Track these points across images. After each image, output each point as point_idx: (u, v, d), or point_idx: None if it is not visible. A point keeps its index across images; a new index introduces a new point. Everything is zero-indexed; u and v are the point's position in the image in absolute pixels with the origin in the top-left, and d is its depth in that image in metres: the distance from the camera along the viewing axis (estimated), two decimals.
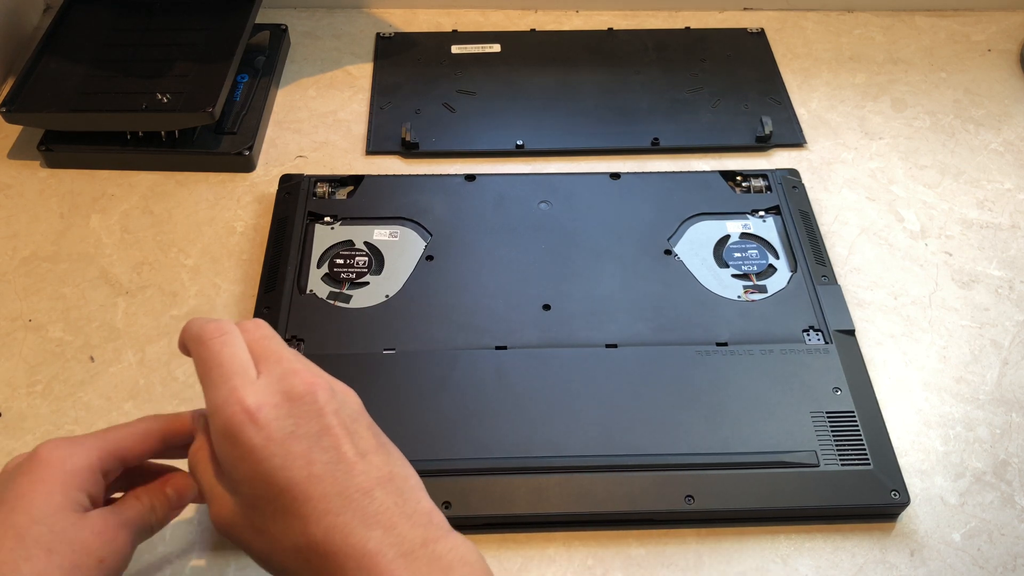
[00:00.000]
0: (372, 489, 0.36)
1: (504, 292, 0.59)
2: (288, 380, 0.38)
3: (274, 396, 0.37)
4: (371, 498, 0.36)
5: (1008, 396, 0.57)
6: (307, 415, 0.37)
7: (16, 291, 0.62)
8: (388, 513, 0.36)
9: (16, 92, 0.68)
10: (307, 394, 0.37)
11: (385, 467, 0.37)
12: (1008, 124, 0.75)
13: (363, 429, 0.38)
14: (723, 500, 0.50)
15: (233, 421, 0.36)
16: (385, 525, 0.35)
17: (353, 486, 0.36)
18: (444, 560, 0.35)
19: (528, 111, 0.74)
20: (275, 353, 0.39)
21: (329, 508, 0.35)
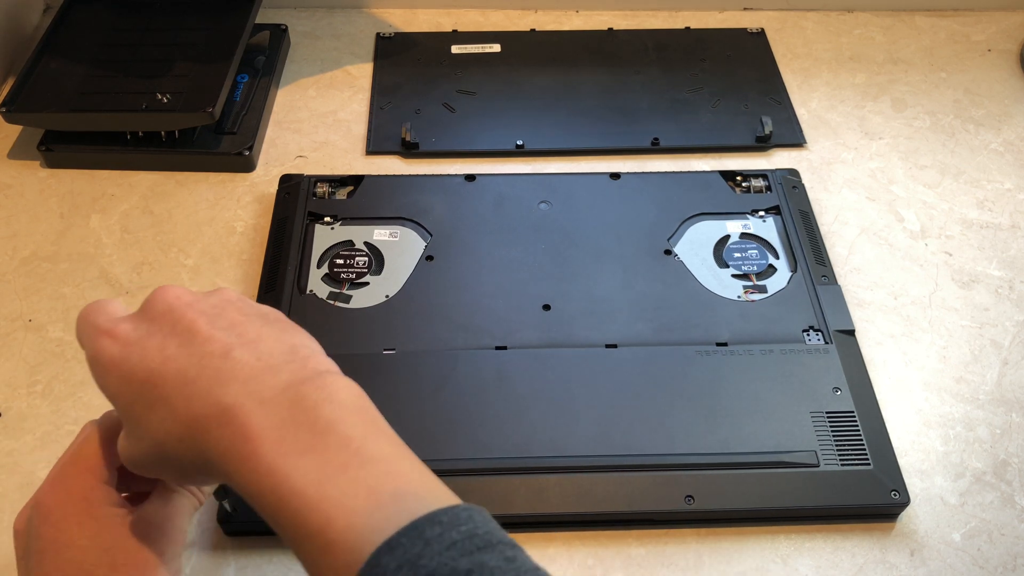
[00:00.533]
0: (231, 351, 0.35)
1: (504, 292, 0.59)
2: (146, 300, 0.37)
3: (132, 316, 0.37)
4: (227, 359, 0.34)
5: (1008, 396, 0.57)
6: (161, 315, 0.36)
7: (16, 291, 0.62)
8: (247, 368, 0.34)
9: (16, 92, 0.68)
10: (159, 299, 0.37)
11: (253, 332, 0.36)
12: (1008, 124, 0.75)
13: (230, 311, 0.37)
14: (723, 500, 0.50)
15: (94, 345, 0.36)
16: (242, 379, 0.34)
17: (207, 353, 0.34)
18: (308, 400, 0.33)
19: (528, 111, 0.74)
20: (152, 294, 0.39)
21: (185, 379, 0.34)
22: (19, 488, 0.52)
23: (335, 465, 0.32)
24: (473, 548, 0.29)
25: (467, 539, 0.30)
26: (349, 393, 0.34)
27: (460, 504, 0.31)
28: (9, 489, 0.51)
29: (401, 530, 0.30)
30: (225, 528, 0.49)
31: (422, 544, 0.29)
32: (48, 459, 0.53)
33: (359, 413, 0.34)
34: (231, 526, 0.49)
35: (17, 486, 0.52)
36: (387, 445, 0.33)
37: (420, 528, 0.30)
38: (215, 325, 0.36)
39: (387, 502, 0.31)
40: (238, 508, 0.49)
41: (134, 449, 0.36)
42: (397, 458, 0.33)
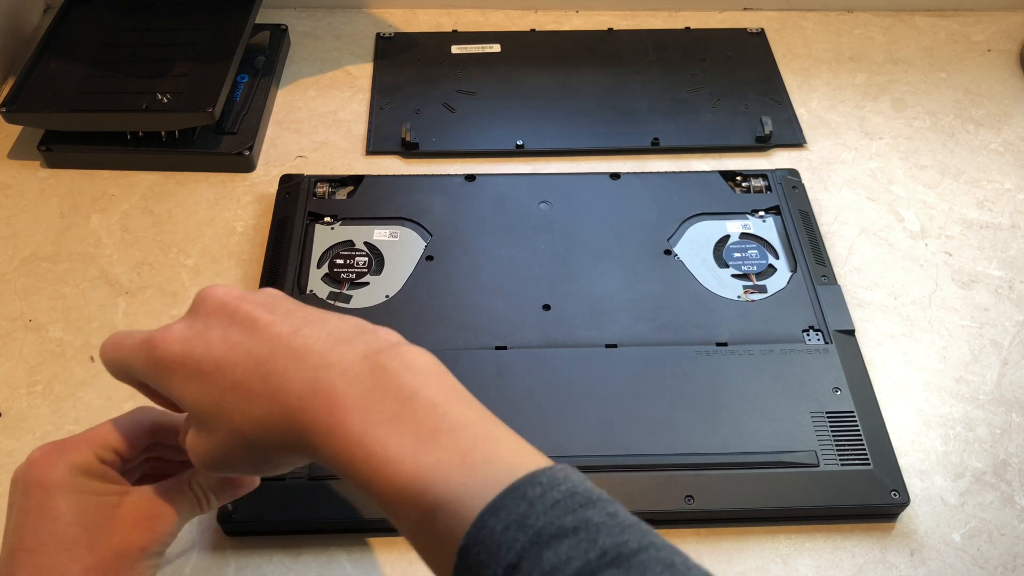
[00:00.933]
0: (299, 330, 0.35)
1: (504, 292, 0.59)
2: (194, 301, 0.37)
3: (181, 320, 0.37)
4: (297, 336, 0.34)
5: (1008, 396, 0.57)
6: (215, 310, 0.36)
7: (16, 291, 0.62)
8: (320, 343, 0.34)
9: (16, 92, 0.68)
10: (208, 297, 0.37)
11: (314, 315, 0.36)
12: (1008, 124, 0.75)
13: (281, 301, 0.37)
14: (723, 500, 0.50)
15: (152, 351, 0.36)
16: (318, 351, 0.34)
17: (275, 335, 0.34)
18: (388, 368, 0.33)
19: (528, 111, 0.74)
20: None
21: (257, 360, 0.34)
22: None
23: (425, 431, 0.32)
24: (576, 505, 0.30)
25: (568, 497, 0.30)
26: (426, 360, 0.34)
27: (555, 464, 0.32)
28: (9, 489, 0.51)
29: (504, 491, 0.30)
30: (225, 528, 0.49)
31: (526, 504, 0.29)
32: None
33: (439, 379, 0.34)
34: (231, 526, 0.49)
35: None
36: (470, 408, 0.33)
37: (522, 489, 0.30)
38: (274, 312, 0.36)
39: (480, 464, 0.31)
40: (238, 508, 0.49)
41: (209, 444, 0.36)
42: (482, 420, 0.33)
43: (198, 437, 0.36)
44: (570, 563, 0.28)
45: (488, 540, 0.29)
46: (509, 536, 0.29)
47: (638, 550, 0.29)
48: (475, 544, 0.29)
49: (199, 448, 0.36)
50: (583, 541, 0.29)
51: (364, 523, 0.49)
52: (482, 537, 0.29)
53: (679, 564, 0.29)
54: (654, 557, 0.29)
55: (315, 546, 0.49)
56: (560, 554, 0.28)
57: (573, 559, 0.28)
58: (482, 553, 0.29)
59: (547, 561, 0.28)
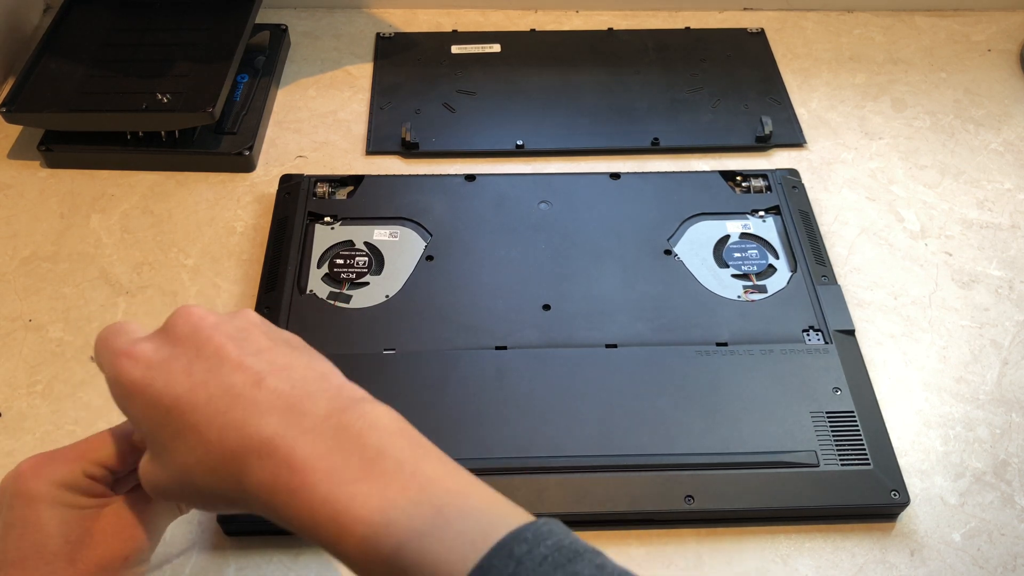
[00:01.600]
0: (264, 379, 0.34)
1: (504, 292, 0.59)
2: (167, 320, 0.37)
3: (153, 337, 0.36)
4: (261, 388, 0.33)
5: (1008, 396, 0.57)
6: (185, 337, 0.35)
7: (16, 291, 0.62)
8: (284, 398, 0.33)
9: (16, 92, 0.68)
10: (181, 320, 0.36)
11: (283, 359, 0.35)
12: (1008, 124, 0.75)
13: (256, 335, 0.36)
14: (723, 500, 0.50)
15: (114, 367, 0.35)
16: (281, 409, 0.33)
17: (240, 382, 0.33)
18: (352, 429, 0.32)
19: (528, 111, 0.74)
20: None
21: (217, 408, 0.33)
22: None
23: (394, 489, 0.31)
24: (564, 560, 0.29)
25: (555, 552, 0.29)
26: (391, 418, 0.34)
27: (538, 519, 0.31)
28: None
29: (490, 551, 0.29)
30: (225, 528, 0.49)
31: (514, 564, 0.29)
32: None
33: (404, 437, 0.33)
34: (231, 526, 0.49)
35: None
36: (439, 464, 0.33)
37: (508, 547, 0.29)
38: (244, 351, 0.35)
39: (455, 519, 0.30)
40: None
41: (158, 475, 0.35)
42: (453, 475, 0.32)
43: (150, 465, 0.36)
44: None
45: None
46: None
47: None
48: None
49: (149, 476, 0.36)
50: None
51: None
52: None
53: None
54: None
55: (315, 546, 0.49)
56: None
57: None
58: None
59: None
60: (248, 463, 0.32)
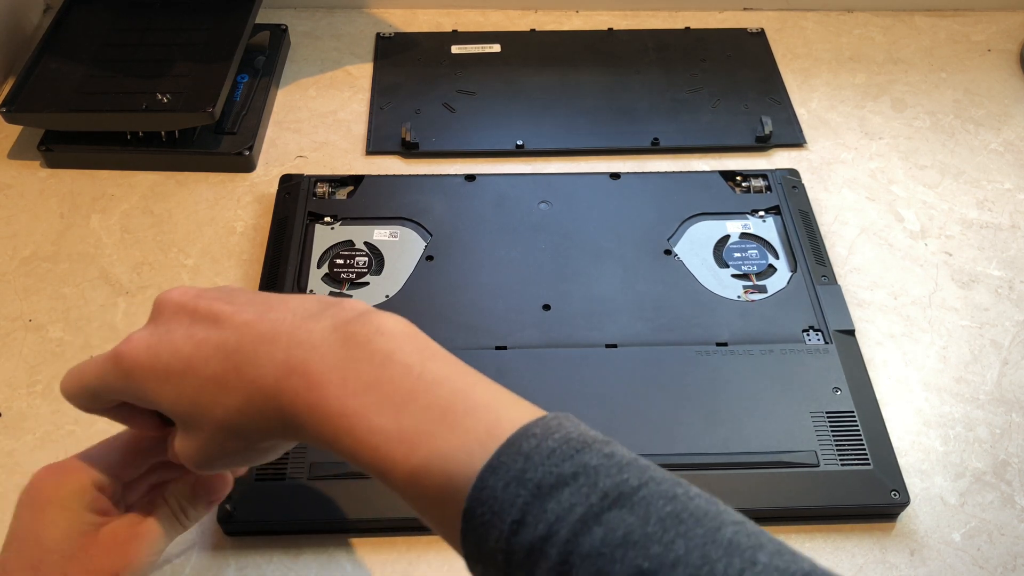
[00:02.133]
0: (262, 316, 0.34)
1: (504, 292, 0.59)
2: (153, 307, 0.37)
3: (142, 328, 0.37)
4: (263, 321, 0.34)
5: (1008, 396, 0.57)
6: (175, 312, 0.36)
7: (16, 291, 0.62)
8: (287, 323, 0.34)
9: (16, 92, 0.68)
10: (165, 300, 0.37)
11: (275, 300, 0.36)
12: (1008, 124, 0.75)
13: (240, 292, 0.37)
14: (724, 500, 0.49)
15: (118, 365, 0.36)
16: (286, 331, 0.34)
17: (241, 323, 0.34)
18: (359, 336, 0.33)
19: (528, 111, 0.74)
20: None
21: (227, 352, 0.34)
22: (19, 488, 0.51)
23: (403, 394, 0.32)
24: (572, 451, 0.30)
25: (563, 444, 0.30)
26: (396, 322, 0.34)
27: (547, 414, 0.32)
28: (9, 489, 0.51)
29: (499, 449, 0.30)
30: (225, 528, 0.49)
31: (523, 459, 0.29)
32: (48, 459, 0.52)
33: (411, 340, 0.34)
34: (231, 526, 0.49)
35: (17, 486, 0.51)
36: (446, 365, 0.33)
37: (516, 443, 0.30)
38: (235, 303, 0.35)
39: (462, 417, 0.31)
40: (238, 508, 0.49)
41: (197, 442, 0.35)
42: (460, 374, 0.33)
43: (185, 440, 0.36)
44: (573, 510, 0.28)
45: (490, 500, 0.29)
46: (510, 492, 0.29)
47: (639, 487, 0.29)
48: (478, 505, 0.29)
49: (188, 450, 0.36)
50: (583, 486, 0.29)
51: (364, 523, 0.49)
52: (484, 497, 0.29)
53: (680, 495, 0.29)
54: (655, 491, 0.29)
55: (315, 546, 0.49)
56: (563, 502, 0.28)
57: (576, 505, 0.28)
58: (486, 513, 0.29)
59: (551, 511, 0.28)
60: (268, 390, 0.33)
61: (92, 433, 0.54)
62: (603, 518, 0.28)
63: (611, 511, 0.28)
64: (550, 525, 0.28)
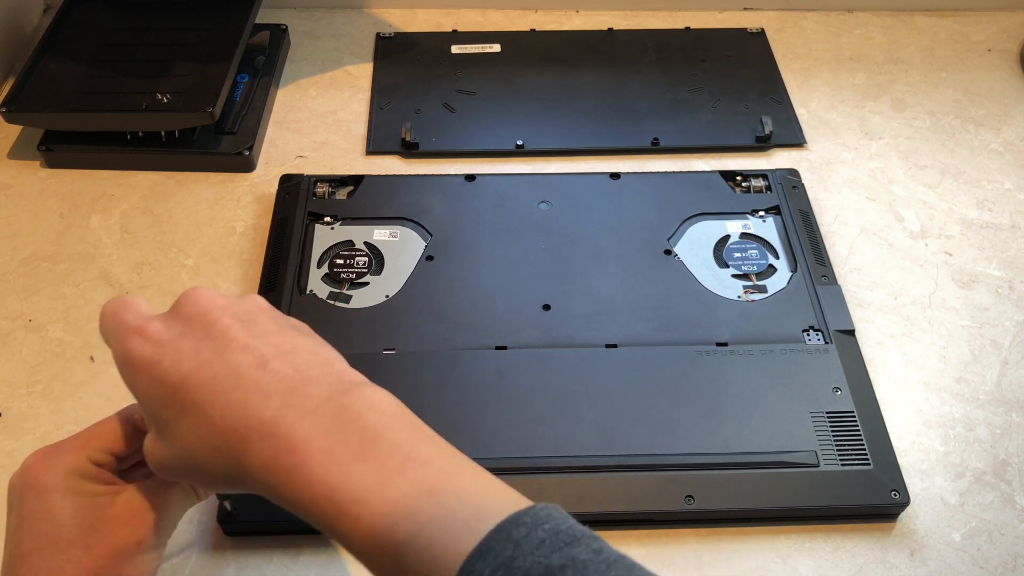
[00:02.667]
0: (268, 362, 0.34)
1: (504, 292, 0.59)
2: (177, 301, 0.37)
3: (163, 316, 0.37)
4: (266, 370, 0.34)
5: (1008, 396, 0.57)
6: (194, 317, 0.36)
7: (16, 291, 0.62)
8: (286, 380, 0.34)
9: (16, 92, 0.68)
10: (191, 300, 0.36)
11: (288, 344, 0.35)
12: (1008, 124, 0.75)
13: (263, 319, 0.37)
14: (723, 500, 0.50)
15: (124, 344, 0.36)
16: (283, 391, 0.33)
17: (245, 363, 0.34)
18: (352, 411, 0.33)
19: (528, 111, 0.74)
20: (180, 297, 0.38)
21: (222, 388, 0.34)
22: None
23: (390, 469, 0.32)
24: (561, 544, 0.30)
25: (553, 536, 0.30)
26: (389, 402, 0.34)
27: (537, 504, 0.32)
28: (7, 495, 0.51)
29: (489, 534, 0.30)
30: (225, 528, 0.49)
31: (512, 546, 0.29)
32: None
33: (403, 419, 0.34)
34: (231, 526, 0.49)
35: None
36: (436, 447, 0.33)
37: (507, 530, 0.30)
38: (251, 333, 0.35)
39: (450, 498, 0.31)
40: (238, 508, 0.49)
41: (163, 452, 0.36)
42: (448, 457, 0.33)
43: (154, 443, 0.36)
44: None
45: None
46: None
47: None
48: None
49: (154, 453, 0.36)
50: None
51: None
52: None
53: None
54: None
55: (315, 546, 0.49)
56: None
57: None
58: None
59: None
60: (249, 443, 0.33)
61: None
62: None
63: None
64: None
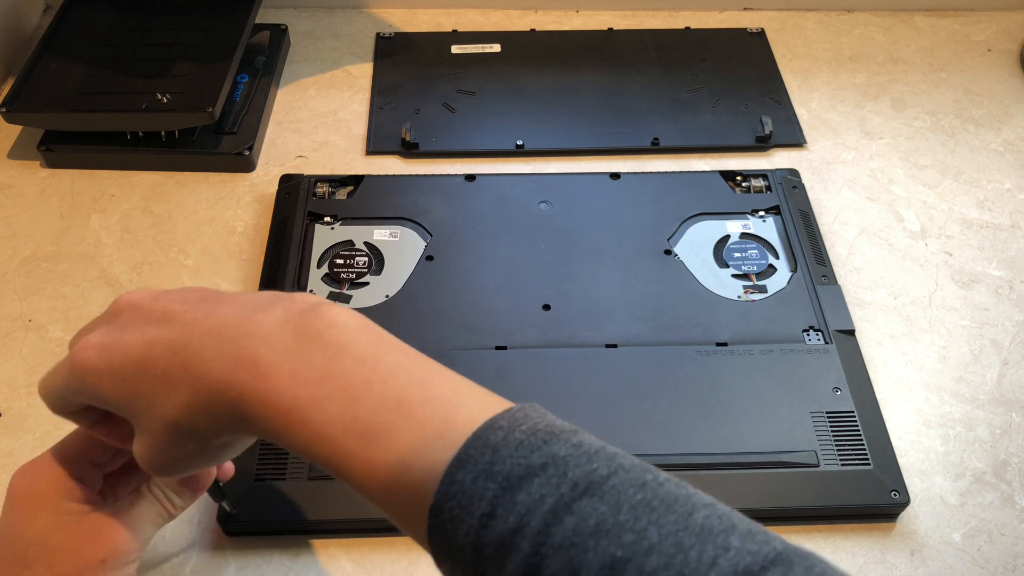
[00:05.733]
0: (212, 311, 0.34)
1: (504, 292, 0.59)
2: (109, 307, 0.37)
3: (98, 328, 0.36)
4: (212, 316, 0.33)
5: (1008, 396, 0.57)
6: (129, 314, 0.35)
7: (16, 291, 0.62)
8: (236, 316, 0.33)
9: (16, 92, 0.68)
10: (123, 301, 0.36)
11: (230, 297, 0.35)
12: (1008, 124, 0.75)
13: (200, 293, 0.36)
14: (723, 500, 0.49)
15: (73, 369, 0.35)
16: (234, 324, 0.33)
17: (192, 320, 0.34)
18: (311, 329, 0.32)
19: (528, 111, 0.74)
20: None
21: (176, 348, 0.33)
22: None
23: (357, 385, 0.31)
24: (540, 443, 0.29)
25: (531, 436, 0.29)
26: (350, 316, 0.33)
27: (514, 406, 0.31)
28: None
29: (466, 442, 0.29)
30: (225, 528, 0.49)
31: (490, 452, 0.29)
32: None
33: (365, 333, 0.33)
34: (231, 526, 0.49)
35: None
36: (402, 356, 0.32)
37: (483, 436, 0.29)
38: (188, 303, 0.35)
39: (419, 410, 0.30)
40: (238, 508, 0.49)
41: (151, 444, 0.35)
42: (416, 366, 0.32)
43: (142, 443, 0.35)
44: (544, 500, 0.28)
45: (458, 494, 0.29)
46: (479, 486, 0.28)
47: (608, 475, 0.29)
48: (446, 500, 0.29)
49: (144, 452, 0.35)
50: (553, 476, 0.28)
51: (364, 523, 0.49)
52: (452, 492, 0.29)
53: (650, 481, 0.29)
54: (625, 480, 0.29)
55: (315, 546, 0.49)
56: (532, 494, 0.28)
57: (546, 496, 0.28)
58: (455, 508, 0.29)
59: (521, 503, 0.28)
60: (215, 383, 0.32)
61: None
62: (574, 508, 0.28)
63: (582, 500, 0.28)
64: (520, 517, 0.28)
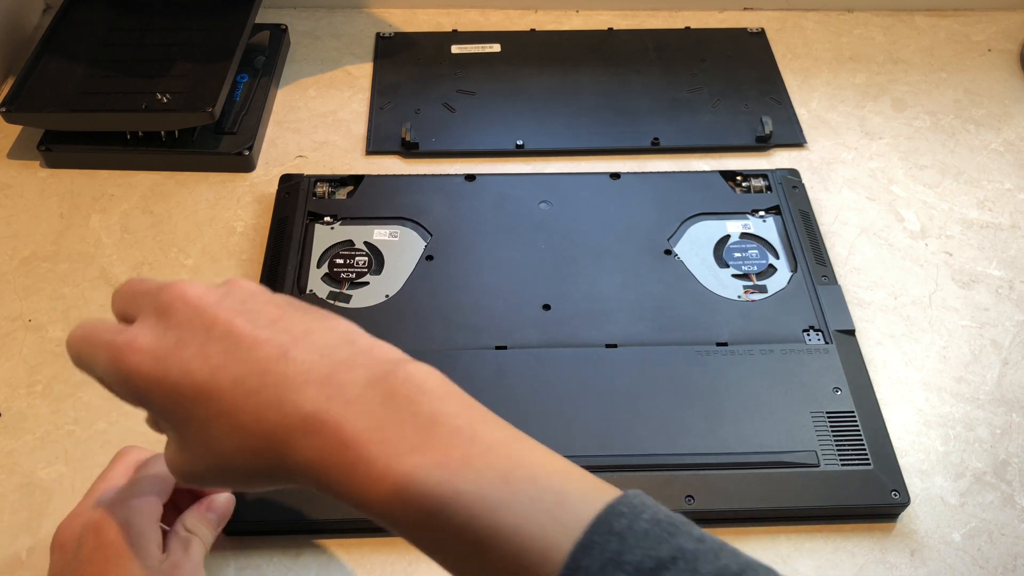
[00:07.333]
0: (287, 352, 0.32)
1: (504, 292, 0.59)
2: (158, 299, 0.34)
3: (147, 322, 0.34)
4: (288, 361, 0.31)
5: (1008, 396, 0.57)
6: (186, 319, 0.33)
7: (16, 291, 0.61)
8: (316, 368, 0.31)
9: (16, 92, 0.68)
10: (178, 300, 0.33)
11: (298, 327, 0.33)
12: (1008, 124, 0.75)
13: (261, 305, 0.34)
14: (723, 500, 0.50)
15: (117, 365, 0.33)
16: (316, 382, 0.31)
17: (263, 358, 0.31)
18: (400, 395, 0.31)
19: (528, 111, 0.74)
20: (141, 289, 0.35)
21: (247, 390, 0.31)
22: (19, 488, 0.52)
23: (456, 458, 0.29)
24: (665, 534, 0.28)
25: (655, 526, 0.28)
26: (437, 380, 0.32)
27: (628, 491, 0.30)
28: (9, 489, 0.51)
29: (591, 527, 0.28)
30: (225, 528, 0.49)
31: (617, 539, 0.28)
32: (48, 459, 0.53)
33: (454, 399, 0.32)
34: (231, 526, 0.49)
35: (17, 486, 0.52)
36: (496, 429, 0.31)
37: (607, 522, 0.28)
38: (255, 323, 0.33)
39: (526, 488, 0.29)
40: (238, 508, 0.48)
41: (192, 464, 0.33)
42: (513, 440, 0.31)
43: (180, 455, 0.34)
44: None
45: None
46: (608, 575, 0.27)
47: (739, 573, 0.28)
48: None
49: (181, 465, 0.34)
50: (684, 572, 0.27)
51: (365, 523, 0.49)
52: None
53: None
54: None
55: (315, 546, 0.49)
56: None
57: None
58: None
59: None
60: (292, 441, 0.31)
61: (92, 433, 0.54)
62: None
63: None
64: None
